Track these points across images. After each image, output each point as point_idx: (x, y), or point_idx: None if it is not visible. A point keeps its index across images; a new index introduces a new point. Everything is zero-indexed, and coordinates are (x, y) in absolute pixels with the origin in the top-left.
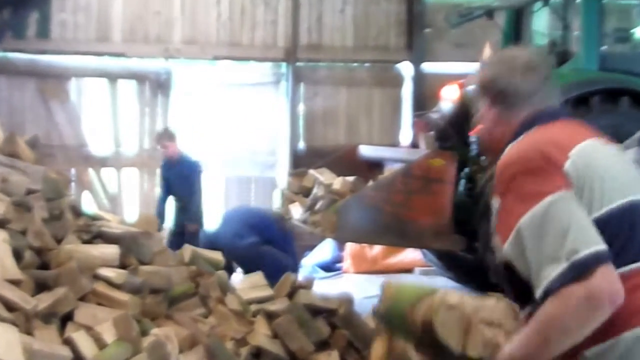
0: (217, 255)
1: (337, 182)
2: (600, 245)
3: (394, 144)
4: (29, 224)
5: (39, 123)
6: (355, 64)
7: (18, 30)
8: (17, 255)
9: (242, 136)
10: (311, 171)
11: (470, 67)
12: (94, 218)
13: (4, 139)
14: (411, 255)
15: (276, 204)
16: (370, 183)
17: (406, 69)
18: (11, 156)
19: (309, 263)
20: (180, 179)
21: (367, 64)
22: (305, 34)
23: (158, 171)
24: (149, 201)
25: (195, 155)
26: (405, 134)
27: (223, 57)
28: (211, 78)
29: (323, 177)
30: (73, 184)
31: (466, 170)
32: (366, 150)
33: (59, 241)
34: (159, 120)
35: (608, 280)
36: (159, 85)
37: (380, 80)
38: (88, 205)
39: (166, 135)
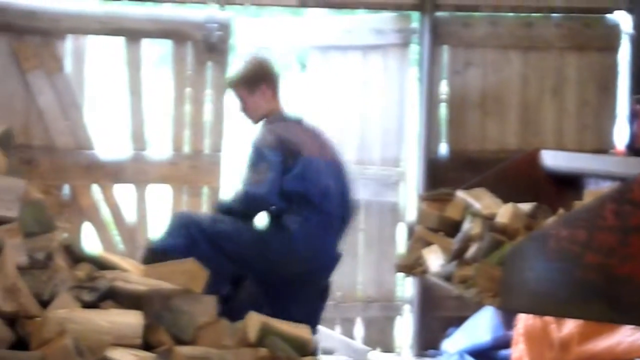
0: (303, 332)
1: (504, 213)
2: None
3: (602, 148)
4: None
5: (12, 109)
6: (535, 14)
7: None
8: None
9: (344, 134)
10: (460, 193)
11: None
12: (102, 266)
13: None
14: (630, 338)
15: (400, 246)
16: (560, 214)
17: (623, 22)
18: None
19: (453, 347)
20: None
21: (555, 15)
22: None
23: (206, 189)
24: None
25: None
26: (621, 132)
27: (314, 3)
28: (294, 37)
29: (479, 204)
30: (67, 210)
31: None
32: (553, 159)
33: (44, 304)
34: (208, 106)
35: None
36: (209, 49)
37: (578, 41)
38: (91, 244)
39: None
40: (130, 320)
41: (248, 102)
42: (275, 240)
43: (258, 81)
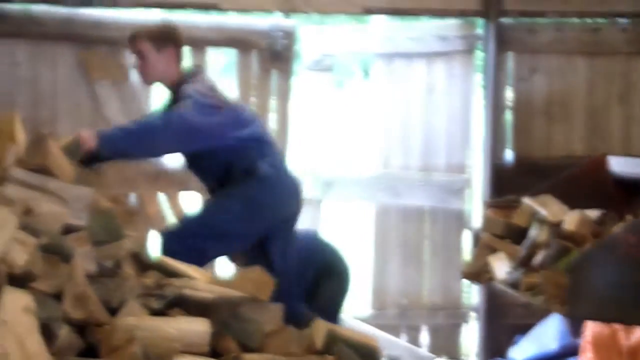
0: (369, 339)
1: (571, 219)
2: None
3: None
4: (67, 283)
5: (78, 117)
6: (601, 20)
7: None
8: (47, 332)
9: (408, 140)
10: (526, 200)
11: None
12: (169, 273)
13: (28, 144)
14: None
15: (466, 253)
16: (628, 221)
17: None
18: (39, 172)
19: (519, 355)
20: None
21: (622, 19)
22: None
23: None
24: None
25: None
26: None
27: (378, 11)
28: (358, 45)
29: (546, 211)
30: (135, 218)
31: None
32: (620, 165)
33: (113, 311)
34: (272, 115)
35: None
36: (274, 57)
37: None
38: (159, 252)
39: None
40: (198, 327)
41: (149, 59)
42: (264, 189)
43: (167, 41)
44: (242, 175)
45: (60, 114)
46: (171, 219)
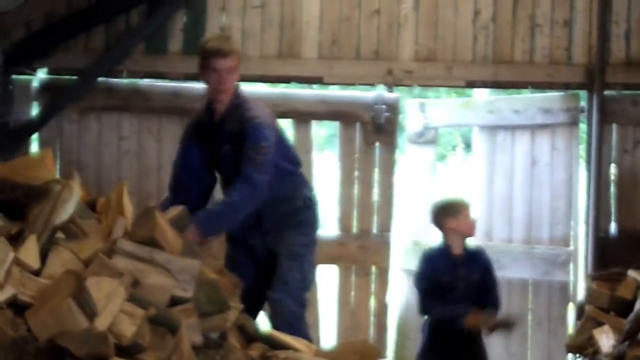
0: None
1: None
2: None
3: None
4: (173, 355)
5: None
6: None
7: (154, 43)
8: None
9: (511, 212)
10: (632, 273)
11: None
12: (275, 345)
13: (135, 216)
14: None
15: (570, 325)
16: None
17: None
18: (147, 244)
19: None
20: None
21: None
22: (620, 43)
23: (374, 269)
24: (360, 317)
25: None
26: None
27: (481, 84)
28: (461, 117)
29: None
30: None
31: None
32: None
33: None
34: (376, 185)
35: None
36: (377, 130)
37: None
38: (265, 324)
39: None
40: None
41: (234, 76)
42: (315, 214)
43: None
44: (294, 205)
45: (166, 186)
46: None
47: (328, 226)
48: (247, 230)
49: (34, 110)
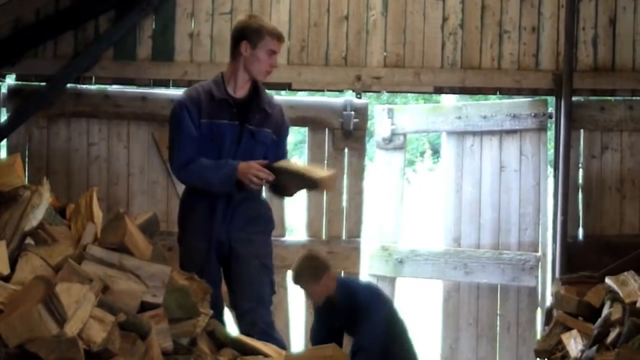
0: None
1: None
2: None
3: None
4: None
5: (154, 196)
6: None
7: (123, 49)
8: None
9: (479, 218)
10: (607, 279)
11: None
12: (244, 351)
13: (105, 222)
14: None
15: (538, 330)
16: None
17: None
18: (117, 250)
19: None
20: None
21: None
22: (587, 49)
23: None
24: None
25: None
26: None
27: (449, 90)
28: (429, 123)
29: (620, 289)
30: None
31: None
32: None
33: None
34: (345, 191)
35: None
36: (346, 135)
37: None
38: (234, 329)
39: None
40: None
41: None
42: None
43: None
44: (263, 209)
45: (135, 192)
46: None
47: (297, 232)
48: (216, 225)
49: (3, 117)
